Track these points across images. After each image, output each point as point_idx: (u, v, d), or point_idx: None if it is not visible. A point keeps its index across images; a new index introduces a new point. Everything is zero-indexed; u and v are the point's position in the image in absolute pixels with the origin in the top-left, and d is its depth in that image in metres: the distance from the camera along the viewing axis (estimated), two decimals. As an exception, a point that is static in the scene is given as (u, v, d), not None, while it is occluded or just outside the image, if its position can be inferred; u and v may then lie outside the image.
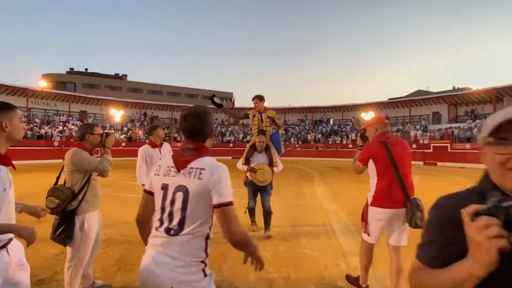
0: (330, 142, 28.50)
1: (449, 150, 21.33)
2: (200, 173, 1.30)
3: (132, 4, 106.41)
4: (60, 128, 24.17)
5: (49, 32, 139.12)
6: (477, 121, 22.74)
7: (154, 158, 3.74)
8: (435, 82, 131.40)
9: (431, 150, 22.12)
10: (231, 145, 29.47)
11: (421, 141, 23.50)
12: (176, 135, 28.98)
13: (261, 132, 4.68)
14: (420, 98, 29.18)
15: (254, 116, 4.85)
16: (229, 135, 30.91)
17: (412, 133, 24.88)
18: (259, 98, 4.73)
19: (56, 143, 22.15)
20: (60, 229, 2.37)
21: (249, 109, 5.16)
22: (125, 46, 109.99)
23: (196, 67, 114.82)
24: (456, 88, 41.29)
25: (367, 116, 28.56)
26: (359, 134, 2.98)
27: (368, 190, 2.67)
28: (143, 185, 3.36)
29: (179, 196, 1.29)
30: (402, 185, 2.46)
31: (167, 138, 28.63)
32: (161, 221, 1.31)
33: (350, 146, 26.86)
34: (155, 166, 1.41)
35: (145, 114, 32.01)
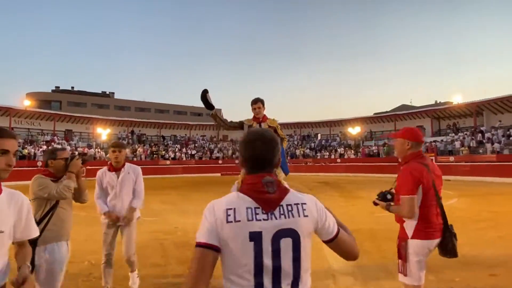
0: (318, 157, 28.73)
1: (433, 163, 21.77)
2: (304, 209, 1.06)
3: (119, 21, 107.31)
4: (44, 147, 23.61)
5: (34, 50, 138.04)
6: (459, 134, 23.41)
7: (106, 183, 3.18)
8: (418, 96, 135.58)
9: (417, 163, 22.53)
10: (220, 161, 29.32)
11: (407, 155, 23.93)
12: (163, 152, 28.71)
13: None
14: (404, 113, 29.97)
15: (250, 126, 3.81)
16: (218, 152, 30.80)
17: (398, 147, 25.34)
18: (262, 103, 3.63)
19: (39, 163, 21.57)
20: None
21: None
22: (113, 64, 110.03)
23: (183, 84, 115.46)
24: (438, 102, 42.66)
25: (354, 130, 29.03)
26: (381, 198, 2.35)
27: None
28: (105, 213, 3.14)
29: (287, 243, 1.01)
30: (442, 211, 2.19)
31: (154, 156, 28.49)
32: (260, 285, 0.98)
33: (338, 160, 27.14)
34: (213, 214, 1.03)
35: (132, 132, 31.68)
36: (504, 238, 5.22)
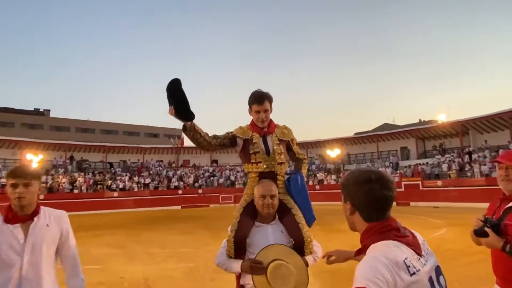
0: (294, 184, 28.96)
1: (420, 188, 22.79)
2: (428, 247, 1.23)
3: (59, 23, 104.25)
4: (-44, 178, 21.86)
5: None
6: (446, 155, 24.83)
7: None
8: (401, 114, 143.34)
9: (402, 189, 23.45)
10: (180, 192, 28.68)
11: (391, 180, 24.85)
12: (110, 182, 27.62)
13: (268, 175, 2.42)
14: (387, 133, 31.40)
15: (249, 139, 2.50)
16: (178, 180, 30.17)
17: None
18: (270, 101, 2.47)
19: None
20: None
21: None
22: (48, 76, 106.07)
23: (135, 99, 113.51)
24: (422, 120, 45.30)
25: (333, 152, 29.87)
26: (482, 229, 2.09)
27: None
28: None
29: (443, 280, 1.18)
30: None
31: (99, 187, 27.34)
32: None
33: (317, 187, 27.54)
34: (397, 268, 1.04)
35: (71, 157, 30.34)
36: (497, 274, 5.46)
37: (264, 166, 2.42)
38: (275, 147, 2.47)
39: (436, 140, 28.48)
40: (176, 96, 2.21)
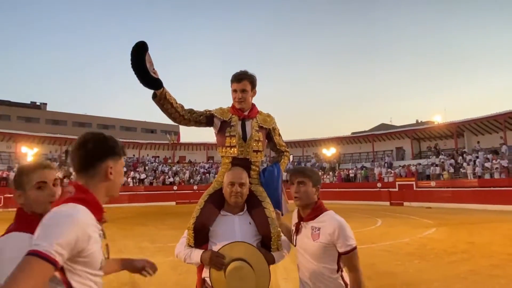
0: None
1: (414, 188, 22.94)
2: None
3: (55, 16, 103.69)
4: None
5: None
6: (440, 156, 24.99)
7: None
8: (399, 115, 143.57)
9: (396, 189, 23.60)
10: (175, 187, 28.74)
11: (385, 179, 25.03)
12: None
13: (242, 162, 2.32)
14: (383, 133, 31.52)
15: (227, 121, 2.37)
16: (173, 176, 30.23)
17: (376, 171, 26.45)
18: (251, 81, 2.36)
19: None
20: None
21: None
22: (45, 69, 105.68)
23: (132, 95, 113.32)
24: (419, 122, 45.47)
25: (329, 152, 30.02)
26: None
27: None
28: None
29: None
30: None
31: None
32: None
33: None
34: None
35: (67, 151, 30.31)
36: (476, 272, 5.58)
37: (238, 152, 2.29)
38: (253, 133, 2.34)
39: (431, 141, 28.62)
40: (137, 58, 1.86)
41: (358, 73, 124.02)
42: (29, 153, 26.72)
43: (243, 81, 2.31)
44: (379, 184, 24.73)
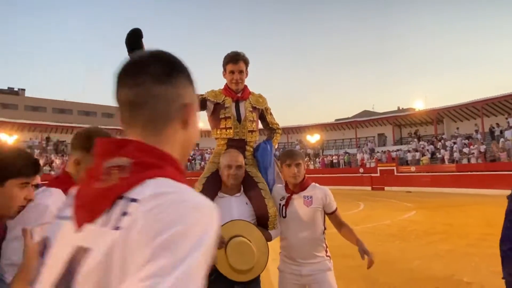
0: (274, 168, 29.41)
1: (395, 173, 23.58)
2: None
3: (32, 0, 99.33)
4: None
5: None
6: (421, 142, 25.68)
7: None
8: (381, 102, 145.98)
9: (378, 174, 24.19)
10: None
11: (368, 165, 25.58)
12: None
13: (237, 143, 2.40)
14: (365, 119, 32.08)
15: (220, 104, 2.41)
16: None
17: (358, 156, 26.99)
18: (246, 62, 2.39)
19: None
20: None
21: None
22: (23, 53, 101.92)
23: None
24: (400, 108, 46.28)
25: (313, 138, 30.38)
26: None
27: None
28: None
29: None
30: None
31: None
32: None
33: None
34: None
35: (47, 138, 29.64)
36: (453, 251, 5.91)
37: (234, 133, 2.35)
38: (247, 114, 2.40)
39: (412, 128, 29.31)
40: (132, 41, 1.66)
41: (342, 60, 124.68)
42: (8, 140, 26.00)
43: (240, 62, 2.32)
44: (361, 170, 25.29)
